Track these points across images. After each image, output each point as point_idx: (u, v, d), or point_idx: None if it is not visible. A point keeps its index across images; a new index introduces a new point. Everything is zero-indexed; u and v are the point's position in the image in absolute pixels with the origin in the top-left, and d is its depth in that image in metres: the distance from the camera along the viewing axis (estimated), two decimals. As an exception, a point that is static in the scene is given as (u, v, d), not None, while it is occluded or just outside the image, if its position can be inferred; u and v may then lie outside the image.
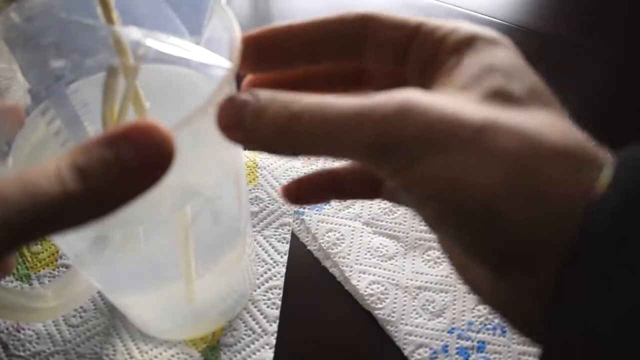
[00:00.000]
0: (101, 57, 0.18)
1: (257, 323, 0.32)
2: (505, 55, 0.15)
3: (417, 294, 0.33)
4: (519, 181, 0.13)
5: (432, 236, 0.36)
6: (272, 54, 0.18)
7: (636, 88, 0.47)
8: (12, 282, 0.33)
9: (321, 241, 0.36)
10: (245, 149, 0.16)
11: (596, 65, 0.49)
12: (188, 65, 0.19)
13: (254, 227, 0.36)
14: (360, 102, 0.14)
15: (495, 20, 0.53)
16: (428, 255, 0.35)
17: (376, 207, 0.37)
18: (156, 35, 0.16)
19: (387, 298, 0.33)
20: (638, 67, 0.49)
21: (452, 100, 0.14)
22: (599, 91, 0.47)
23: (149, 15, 0.20)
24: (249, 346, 0.31)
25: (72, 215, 0.12)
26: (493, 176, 0.13)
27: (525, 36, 0.51)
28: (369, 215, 0.37)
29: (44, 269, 0.34)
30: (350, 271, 0.34)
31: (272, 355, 0.31)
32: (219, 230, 0.24)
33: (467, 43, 0.15)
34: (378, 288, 0.33)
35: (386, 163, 0.14)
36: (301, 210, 0.37)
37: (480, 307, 0.33)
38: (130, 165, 0.12)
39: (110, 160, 0.12)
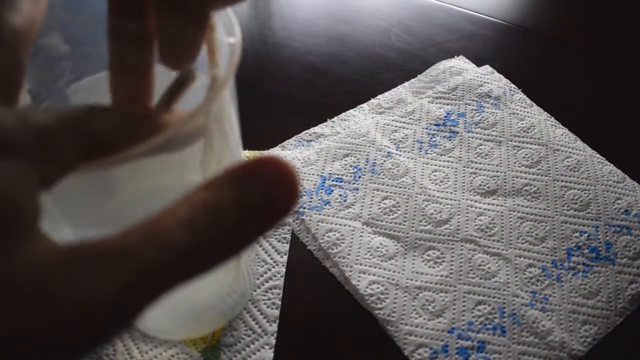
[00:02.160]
0: (102, 57, 0.18)
1: (257, 323, 0.32)
2: None
3: (417, 294, 0.33)
4: None
5: (432, 236, 0.36)
6: None
7: (636, 88, 0.47)
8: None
9: (321, 241, 0.36)
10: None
11: (596, 65, 0.49)
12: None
13: (254, 227, 0.36)
14: None
15: (495, 20, 0.53)
16: (428, 255, 0.35)
17: (376, 207, 0.37)
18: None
19: (387, 298, 0.33)
20: (638, 67, 0.49)
21: None
22: (599, 91, 0.47)
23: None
24: (249, 346, 0.31)
25: (201, 263, 0.11)
26: None
27: (525, 36, 0.51)
28: (369, 215, 0.37)
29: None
30: (350, 271, 0.34)
31: (272, 355, 0.31)
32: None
33: None
34: (378, 288, 0.33)
35: None
36: (301, 210, 0.37)
37: (480, 307, 0.33)
38: (259, 204, 0.11)
39: (242, 199, 0.11)
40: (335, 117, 0.43)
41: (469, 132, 0.42)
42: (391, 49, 0.49)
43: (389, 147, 0.41)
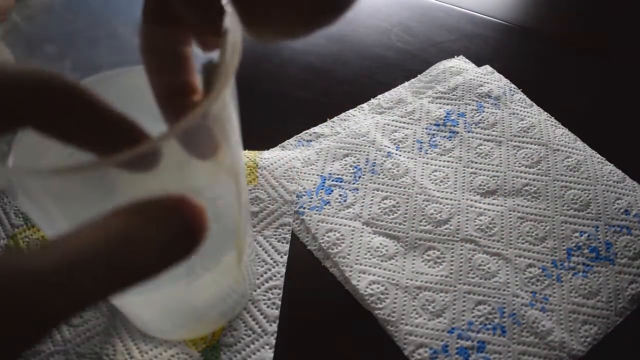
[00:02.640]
0: (102, 57, 0.18)
1: (257, 323, 0.32)
2: None
3: (417, 294, 0.33)
4: None
5: (432, 236, 0.36)
6: None
7: (636, 88, 0.47)
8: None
9: (321, 241, 0.36)
10: None
11: (596, 65, 0.49)
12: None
13: (254, 227, 0.36)
14: None
15: (495, 20, 0.53)
16: (428, 255, 0.35)
17: (376, 207, 0.37)
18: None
19: (387, 298, 0.33)
20: (637, 67, 0.49)
21: None
22: (599, 91, 0.47)
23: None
24: (249, 346, 0.31)
25: (112, 286, 0.12)
26: None
27: (525, 36, 0.51)
28: (369, 215, 0.37)
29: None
30: (350, 271, 0.34)
31: (272, 355, 0.31)
32: (219, 230, 0.24)
33: None
34: (378, 288, 0.33)
35: None
36: (301, 210, 0.37)
37: (480, 307, 0.33)
38: (168, 241, 0.12)
39: (151, 234, 0.12)
40: (335, 117, 0.43)
41: (469, 132, 0.42)
42: (391, 49, 0.49)
43: (389, 147, 0.41)
